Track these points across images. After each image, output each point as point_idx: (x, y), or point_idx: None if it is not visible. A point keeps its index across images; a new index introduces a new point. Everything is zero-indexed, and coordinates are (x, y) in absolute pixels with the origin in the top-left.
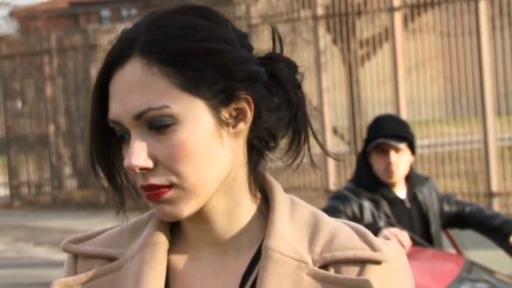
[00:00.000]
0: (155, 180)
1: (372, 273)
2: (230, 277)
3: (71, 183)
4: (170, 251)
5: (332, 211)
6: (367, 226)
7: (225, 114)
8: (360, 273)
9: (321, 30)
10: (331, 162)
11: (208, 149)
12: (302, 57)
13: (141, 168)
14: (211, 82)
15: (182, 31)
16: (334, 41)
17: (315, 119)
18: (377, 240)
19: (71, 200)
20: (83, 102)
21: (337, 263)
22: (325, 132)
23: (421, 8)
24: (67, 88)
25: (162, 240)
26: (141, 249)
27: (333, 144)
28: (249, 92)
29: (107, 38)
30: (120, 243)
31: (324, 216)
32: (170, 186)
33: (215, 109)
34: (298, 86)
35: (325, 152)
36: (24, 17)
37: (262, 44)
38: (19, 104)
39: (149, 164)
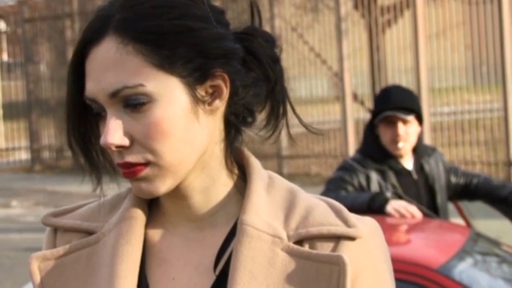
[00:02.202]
0: (131, 158)
1: (345, 248)
2: (206, 252)
3: None
4: (147, 225)
5: (338, 181)
6: (375, 196)
7: (200, 91)
8: (334, 249)
9: None
10: (350, 130)
11: (184, 126)
12: (323, 24)
13: (117, 146)
14: (186, 60)
15: (156, 9)
16: (356, 7)
17: (335, 85)
18: (352, 217)
19: None
20: None
21: (312, 239)
22: (346, 99)
23: None
24: None
25: (139, 215)
26: (118, 223)
27: (353, 110)
28: (225, 69)
29: None
30: (98, 217)
31: (301, 193)
32: (146, 164)
33: (190, 87)
34: (276, 60)
35: (304, 126)
36: None
37: (284, 10)
38: (41, 68)
39: (125, 142)
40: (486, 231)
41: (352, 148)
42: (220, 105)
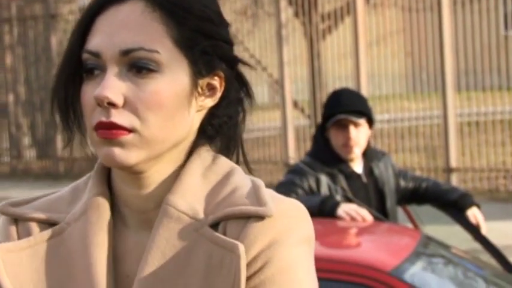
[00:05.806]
0: (118, 119)
1: (251, 228)
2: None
3: (29, 153)
4: None
5: (288, 185)
6: (326, 199)
7: (200, 83)
8: (242, 229)
9: (283, 3)
10: (290, 136)
11: (177, 107)
12: (264, 30)
13: (109, 103)
14: (201, 48)
15: None
16: (296, 14)
17: (275, 92)
18: (266, 195)
19: (30, 170)
20: (43, 71)
21: (227, 220)
22: (286, 106)
23: None
24: (27, 57)
25: (104, 202)
26: (84, 212)
27: (293, 117)
28: (225, 74)
29: (68, 7)
30: (59, 208)
31: (236, 175)
32: (130, 130)
33: (195, 75)
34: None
35: (247, 166)
36: None
37: (224, 16)
38: None
39: (119, 100)
40: (434, 235)
41: (292, 154)
42: (210, 104)
